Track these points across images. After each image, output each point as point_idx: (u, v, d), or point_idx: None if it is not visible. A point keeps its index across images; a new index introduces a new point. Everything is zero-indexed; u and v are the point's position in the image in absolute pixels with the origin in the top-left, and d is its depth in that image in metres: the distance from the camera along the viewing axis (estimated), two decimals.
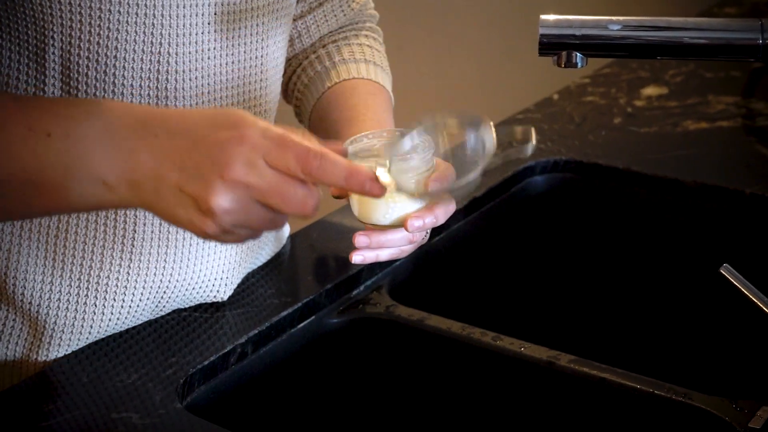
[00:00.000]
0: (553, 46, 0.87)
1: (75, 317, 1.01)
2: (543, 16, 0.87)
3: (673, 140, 1.43)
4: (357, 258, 0.94)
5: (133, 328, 1.04)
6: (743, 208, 1.29)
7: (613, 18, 0.87)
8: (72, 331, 1.01)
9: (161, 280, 1.03)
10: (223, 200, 0.76)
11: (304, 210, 0.77)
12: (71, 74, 0.94)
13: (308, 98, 1.13)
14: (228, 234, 0.78)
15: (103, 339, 1.03)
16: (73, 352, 1.02)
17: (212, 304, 1.08)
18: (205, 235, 0.78)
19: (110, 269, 1.00)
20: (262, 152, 0.76)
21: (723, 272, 0.94)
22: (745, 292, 0.93)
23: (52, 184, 0.81)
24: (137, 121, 0.79)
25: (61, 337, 1.01)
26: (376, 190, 0.79)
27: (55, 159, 0.80)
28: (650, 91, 1.58)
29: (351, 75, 1.12)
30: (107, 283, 1.00)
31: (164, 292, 1.04)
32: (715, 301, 1.30)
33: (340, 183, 0.78)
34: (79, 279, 1.00)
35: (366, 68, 1.13)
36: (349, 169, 0.78)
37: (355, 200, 0.92)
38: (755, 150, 1.40)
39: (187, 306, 1.07)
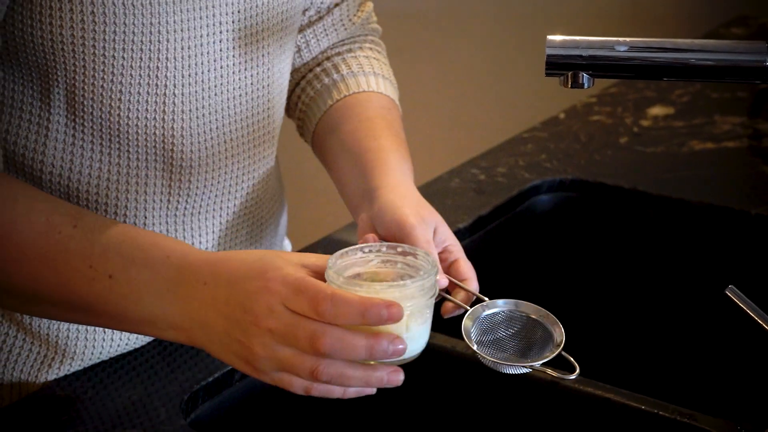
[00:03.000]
0: (560, 66, 0.87)
1: (86, 343, 1.00)
2: (550, 37, 0.87)
3: (679, 160, 1.43)
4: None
5: None
6: (749, 228, 1.29)
7: (620, 39, 0.87)
8: (83, 358, 1.01)
9: None
10: (258, 345, 0.79)
11: (314, 346, 0.77)
12: (76, 113, 0.93)
13: (314, 111, 1.10)
14: (276, 377, 0.80)
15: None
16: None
17: None
18: (258, 375, 0.81)
19: None
20: (281, 298, 0.79)
21: (728, 293, 0.94)
22: (751, 313, 0.93)
23: (104, 315, 0.86)
24: (192, 271, 0.84)
25: (71, 363, 1.01)
26: (396, 314, 0.77)
27: (114, 300, 0.85)
28: (656, 110, 1.58)
29: (362, 88, 1.09)
30: None
31: None
32: (720, 322, 1.30)
33: (357, 320, 0.77)
34: None
35: (376, 81, 1.10)
36: (363, 304, 0.77)
37: None
38: (761, 170, 1.40)
39: None
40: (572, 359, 0.85)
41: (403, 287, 0.79)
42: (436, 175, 1.39)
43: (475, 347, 0.86)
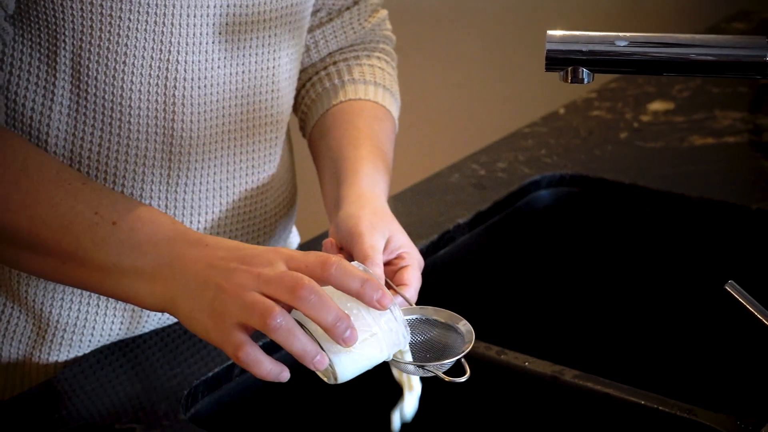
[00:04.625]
0: (560, 61, 0.87)
1: (78, 316, 1.01)
2: (550, 32, 0.87)
3: (679, 155, 1.43)
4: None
5: (139, 337, 1.04)
6: (749, 223, 1.29)
7: (620, 34, 0.87)
8: (74, 330, 1.02)
9: None
10: (235, 285, 0.81)
11: (295, 288, 0.79)
12: (81, 77, 0.95)
13: (313, 113, 1.13)
14: (224, 327, 0.81)
15: (108, 348, 1.03)
16: (77, 359, 1.02)
17: None
18: (212, 324, 0.81)
19: None
20: (286, 258, 0.82)
21: (728, 289, 0.94)
22: (751, 308, 0.93)
23: (95, 265, 0.87)
24: (196, 236, 0.86)
25: (63, 336, 1.01)
26: (385, 302, 0.82)
27: (111, 245, 0.86)
28: (657, 106, 1.58)
29: (358, 96, 1.11)
30: None
31: None
32: (720, 317, 1.30)
33: (354, 287, 0.81)
34: None
35: (375, 91, 1.12)
36: (365, 277, 0.81)
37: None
38: (761, 165, 1.40)
39: None
40: (466, 364, 0.87)
41: (394, 312, 0.83)
42: (436, 170, 1.39)
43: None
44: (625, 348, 1.37)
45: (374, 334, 0.83)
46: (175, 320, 1.06)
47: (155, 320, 1.04)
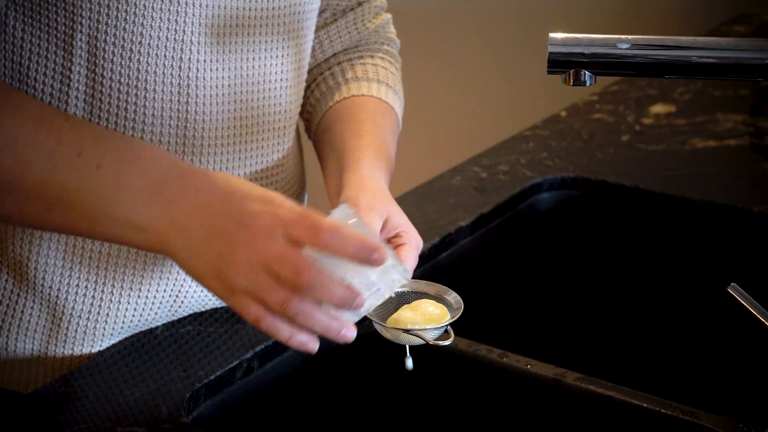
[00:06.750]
0: (562, 64, 0.87)
1: (92, 303, 1.02)
2: (552, 34, 0.87)
3: (680, 158, 1.43)
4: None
5: (140, 339, 1.04)
6: (751, 226, 1.29)
7: (622, 36, 0.87)
8: (89, 318, 1.02)
9: (177, 275, 1.04)
10: (242, 261, 0.82)
11: (297, 277, 0.80)
12: (97, 61, 0.95)
13: (317, 111, 1.14)
14: (237, 300, 0.82)
15: (115, 348, 1.03)
16: (84, 359, 1.02)
17: (218, 318, 1.08)
18: (223, 292, 0.83)
19: (127, 257, 1.01)
20: (283, 224, 0.81)
21: (730, 291, 0.94)
22: (753, 311, 0.93)
23: (83, 210, 0.86)
24: (184, 175, 0.86)
25: (78, 324, 1.02)
26: (381, 258, 0.82)
27: (98, 192, 0.85)
28: (658, 108, 1.58)
29: (362, 92, 1.12)
30: (124, 271, 1.02)
31: (180, 286, 1.04)
32: (722, 320, 1.30)
33: (351, 252, 0.81)
34: (97, 266, 1.01)
35: (378, 87, 1.13)
36: (360, 240, 0.81)
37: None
38: (763, 168, 1.40)
39: (203, 309, 1.08)
40: (451, 331, 0.90)
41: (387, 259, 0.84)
42: (437, 172, 1.39)
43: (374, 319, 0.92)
44: (628, 351, 1.37)
45: (378, 289, 0.85)
46: (182, 315, 1.07)
47: (167, 308, 1.05)
